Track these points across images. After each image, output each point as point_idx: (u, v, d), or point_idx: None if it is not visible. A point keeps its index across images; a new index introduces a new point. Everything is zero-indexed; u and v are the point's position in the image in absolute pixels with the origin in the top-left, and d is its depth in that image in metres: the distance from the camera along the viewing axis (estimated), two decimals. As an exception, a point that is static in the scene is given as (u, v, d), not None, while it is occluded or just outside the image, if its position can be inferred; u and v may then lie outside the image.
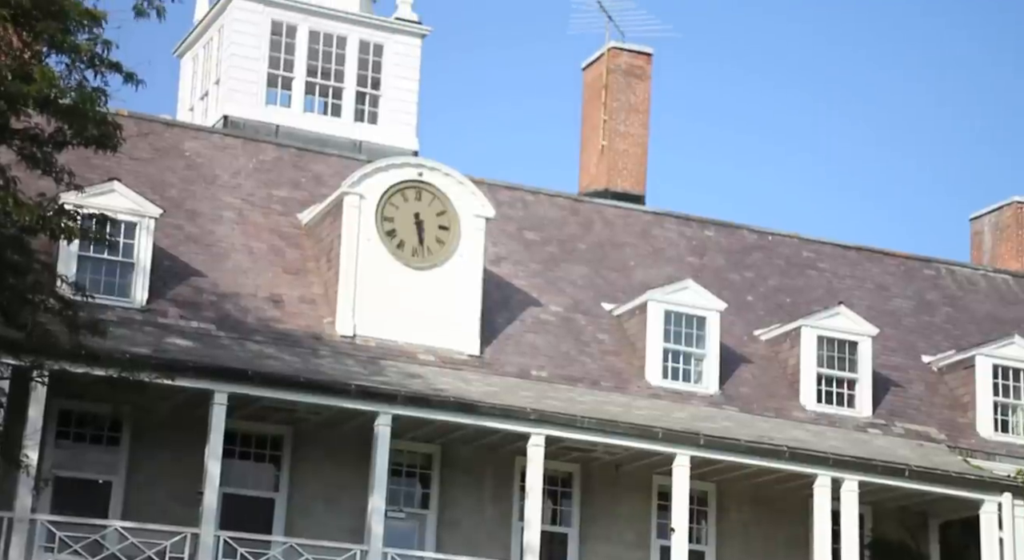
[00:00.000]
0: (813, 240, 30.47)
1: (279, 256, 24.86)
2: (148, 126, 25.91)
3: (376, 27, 30.93)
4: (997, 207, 32.95)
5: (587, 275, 27.23)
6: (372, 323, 23.76)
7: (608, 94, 30.51)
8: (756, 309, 27.96)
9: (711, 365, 25.55)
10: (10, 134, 16.14)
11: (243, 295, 23.74)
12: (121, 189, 22.73)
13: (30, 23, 15.76)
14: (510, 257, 26.84)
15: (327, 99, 30.47)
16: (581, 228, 28.46)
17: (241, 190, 26.02)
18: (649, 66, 30.90)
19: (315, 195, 26.12)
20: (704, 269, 28.37)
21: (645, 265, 28.06)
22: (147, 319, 22.45)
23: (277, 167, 26.94)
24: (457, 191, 24.62)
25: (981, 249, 32.99)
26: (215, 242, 24.60)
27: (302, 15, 30.26)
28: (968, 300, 30.60)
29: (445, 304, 24.20)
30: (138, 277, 22.64)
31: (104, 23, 16.28)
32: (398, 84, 30.83)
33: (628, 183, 30.27)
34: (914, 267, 30.93)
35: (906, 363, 27.96)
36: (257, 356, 22.26)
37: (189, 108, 31.64)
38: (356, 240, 23.96)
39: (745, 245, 29.66)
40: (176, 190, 25.32)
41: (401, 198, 24.39)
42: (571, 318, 26.03)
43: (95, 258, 22.35)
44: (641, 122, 30.63)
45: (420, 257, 24.32)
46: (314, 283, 24.46)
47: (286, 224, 25.61)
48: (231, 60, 29.75)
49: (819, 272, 29.73)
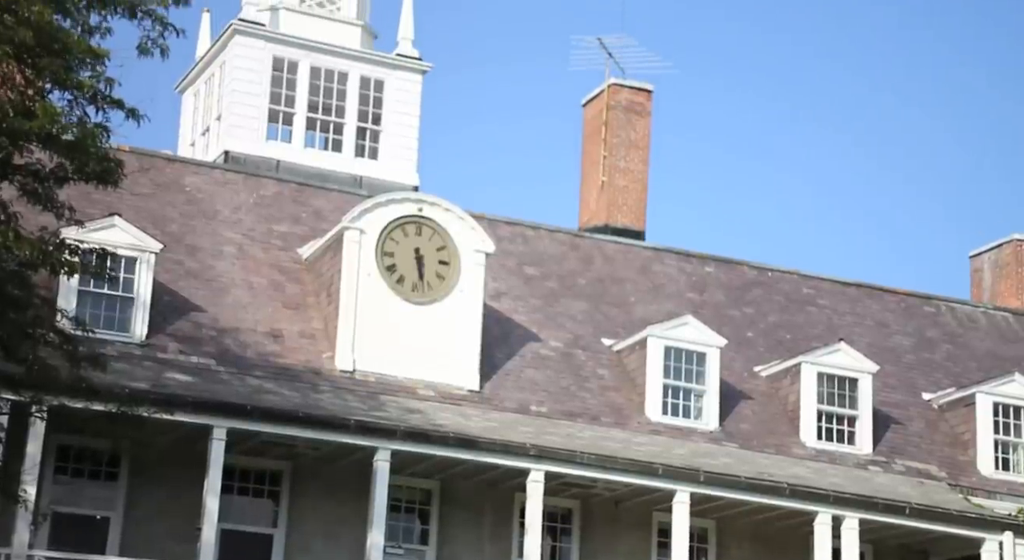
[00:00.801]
0: (813, 276, 30.49)
1: (279, 291, 24.87)
2: (149, 161, 25.97)
3: (377, 63, 31.07)
4: (997, 245, 32.98)
5: (587, 311, 27.23)
6: (372, 358, 23.75)
7: (608, 130, 30.60)
8: (756, 345, 27.95)
9: (711, 401, 25.52)
10: (12, 170, 16.19)
11: (243, 330, 23.74)
12: (122, 224, 22.76)
13: (33, 60, 15.83)
14: (510, 292, 26.85)
15: (328, 134, 30.57)
16: (581, 264, 28.49)
17: (241, 225, 26.06)
18: (649, 102, 31.01)
19: (315, 230, 26.16)
20: (704, 305, 28.37)
21: (645, 301, 28.07)
22: (146, 354, 22.44)
23: (277, 202, 26.99)
24: (457, 226, 24.65)
25: (981, 286, 33.00)
26: (215, 277, 24.62)
27: (304, 51, 30.39)
28: (968, 337, 30.58)
29: (445, 339, 24.19)
30: (138, 312, 22.65)
31: (107, 61, 16.37)
32: (399, 120, 30.95)
33: (628, 219, 30.32)
34: (914, 304, 30.94)
35: (906, 400, 27.93)
36: (256, 391, 22.24)
37: (190, 144, 31.73)
38: (356, 275, 23.98)
39: (745, 281, 29.67)
40: (177, 225, 25.36)
41: (401, 233, 24.43)
42: (571, 353, 26.02)
43: (95, 293, 22.36)
44: (641, 158, 30.72)
45: (420, 292, 24.33)
46: (314, 318, 24.46)
47: (286, 259, 25.63)
48: (232, 96, 29.86)
49: (819, 309, 29.74)
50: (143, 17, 16.57)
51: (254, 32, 30.24)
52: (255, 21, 30.48)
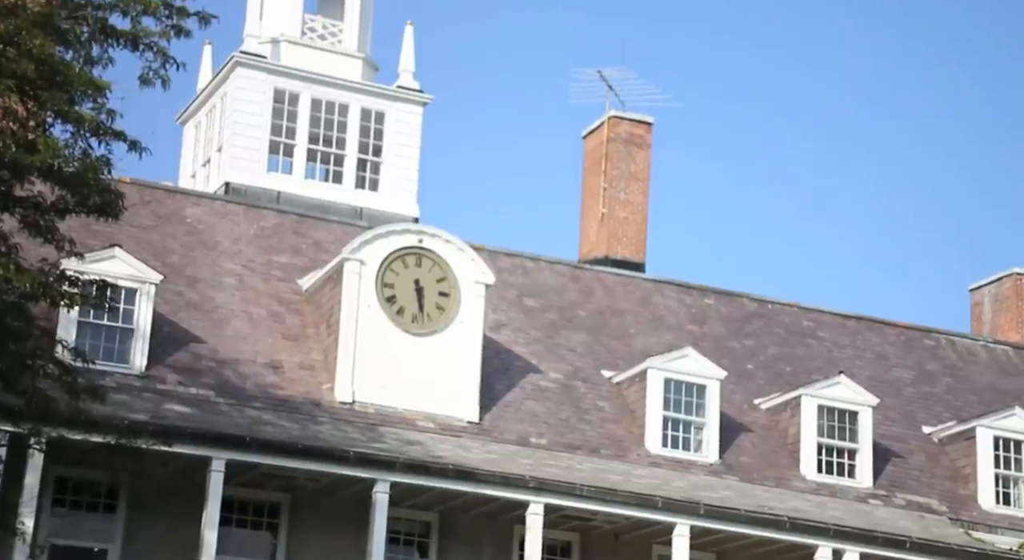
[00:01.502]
0: (813, 309, 30.49)
1: (279, 322, 24.87)
2: (150, 193, 26.02)
3: (378, 95, 31.16)
4: (997, 278, 32.98)
5: (587, 342, 27.22)
6: (371, 390, 23.73)
7: (608, 162, 30.66)
8: (756, 378, 27.93)
9: (711, 434, 25.48)
10: (13, 202, 16.21)
11: (242, 361, 23.72)
12: (122, 255, 22.77)
13: (35, 92, 15.87)
14: (510, 324, 26.84)
15: (328, 166, 30.64)
16: (581, 295, 28.50)
17: (242, 256, 26.09)
18: (649, 135, 31.09)
19: (316, 261, 26.18)
20: (704, 337, 28.36)
21: (645, 333, 28.06)
22: (146, 385, 22.41)
23: (278, 233, 27.02)
24: (457, 258, 24.67)
25: (981, 320, 32.99)
26: (215, 308, 24.62)
27: (305, 83, 30.49)
28: (968, 371, 30.56)
29: (444, 371, 24.17)
30: (137, 343, 22.64)
31: (108, 93, 16.41)
32: (399, 151, 31.02)
33: (628, 251, 30.35)
34: (914, 337, 30.93)
35: (906, 433, 27.89)
36: (255, 422, 22.20)
37: (191, 175, 31.79)
38: (356, 306, 23.98)
39: (745, 314, 29.68)
40: (177, 256, 25.38)
41: (401, 264, 24.44)
42: (571, 385, 25.99)
43: (95, 324, 22.35)
44: (641, 190, 30.77)
45: (420, 323, 24.32)
46: (313, 349, 24.44)
47: (286, 290, 25.64)
48: (233, 127, 29.93)
49: (819, 341, 29.73)
50: (145, 49, 16.62)
51: (255, 64, 30.34)
52: (256, 53, 30.59)
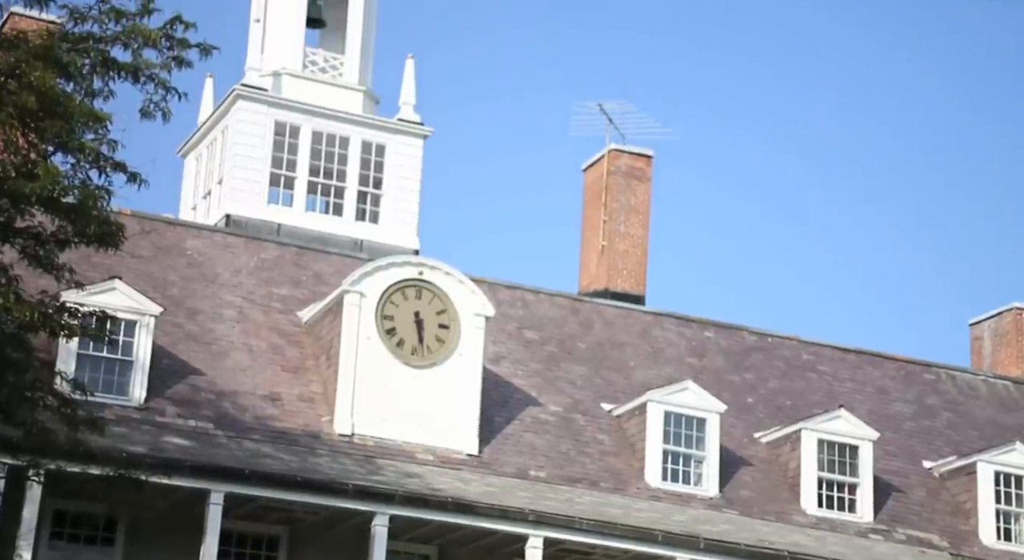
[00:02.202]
0: (813, 342, 30.46)
1: (279, 354, 24.85)
2: (150, 225, 26.03)
3: (378, 128, 31.22)
4: (997, 313, 32.93)
5: (586, 375, 27.19)
6: (370, 422, 23.68)
7: (608, 195, 30.70)
8: (756, 411, 27.88)
9: (711, 467, 25.41)
10: (13, 233, 16.22)
11: (241, 393, 23.69)
12: (122, 287, 22.77)
13: (36, 123, 15.90)
14: (510, 356, 26.82)
15: (329, 198, 30.66)
16: (581, 328, 28.48)
17: (242, 288, 26.09)
18: (649, 168, 31.12)
19: (316, 293, 26.18)
20: (704, 370, 28.33)
21: (645, 366, 28.03)
22: (144, 418, 22.38)
23: (278, 265, 27.03)
24: (457, 290, 24.67)
25: (981, 354, 32.94)
26: (214, 340, 24.61)
27: (305, 116, 30.56)
28: (969, 405, 30.50)
29: (444, 403, 24.14)
30: (136, 375, 22.62)
31: (109, 124, 16.45)
32: (399, 184, 31.05)
33: (628, 283, 30.35)
34: (914, 371, 30.89)
35: (907, 468, 27.81)
36: (254, 455, 22.16)
37: (192, 207, 31.82)
38: (356, 338, 23.96)
39: (745, 347, 29.65)
40: (177, 288, 25.38)
41: (401, 297, 24.44)
42: (570, 418, 25.94)
43: (94, 356, 22.33)
44: (641, 223, 30.79)
45: (419, 356, 24.30)
46: (313, 381, 24.42)
47: (286, 322, 25.63)
48: (234, 160, 29.98)
49: (819, 375, 29.69)
50: (146, 81, 16.68)
51: (256, 97, 30.41)
52: (258, 86, 30.67)
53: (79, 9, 16.59)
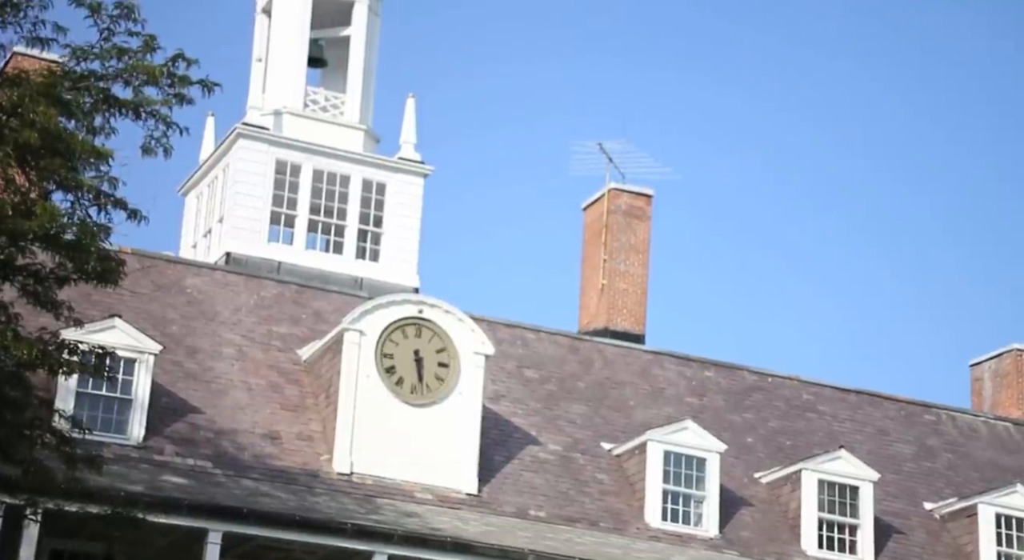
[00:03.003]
0: (813, 382, 30.41)
1: (278, 393, 24.81)
2: (150, 263, 26.03)
3: (379, 166, 31.28)
4: (997, 354, 32.89)
5: (586, 414, 27.13)
6: (369, 461, 23.61)
7: (608, 234, 30.73)
8: (756, 451, 27.81)
9: (711, 507, 25.32)
10: (13, 271, 16.22)
11: (240, 432, 23.63)
12: (121, 325, 22.76)
13: (37, 161, 15.92)
14: (509, 395, 26.77)
15: (329, 236, 30.68)
16: (581, 367, 28.44)
17: (241, 326, 26.07)
18: (649, 207, 31.18)
19: (315, 331, 26.16)
20: (704, 410, 28.27)
21: (645, 405, 27.98)
22: (143, 456, 22.31)
23: (278, 303, 27.02)
24: (457, 328, 24.65)
25: (982, 396, 32.89)
26: (214, 379, 24.57)
27: (306, 155, 30.63)
28: (970, 447, 30.42)
29: (443, 442, 24.07)
30: (135, 414, 22.57)
31: (111, 161, 16.46)
32: (400, 222, 31.08)
33: (628, 322, 30.33)
34: (915, 412, 30.83)
35: (907, 509, 27.71)
36: (252, 494, 22.08)
37: (192, 245, 31.84)
38: (355, 377, 23.92)
39: (745, 386, 29.61)
40: (177, 326, 25.36)
41: (401, 335, 24.43)
42: (570, 457, 25.87)
43: (93, 395, 22.28)
44: (641, 262, 30.81)
45: (419, 394, 24.26)
46: (312, 420, 24.37)
47: (285, 361, 25.59)
48: (235, 198, 30.02)
49: (819, 415, 29.63)
50: (147, 117, 16.70)
51: (257, 136, 30.50)
52: (259, 125, 30.76)
53: (81, 47, 16.64)
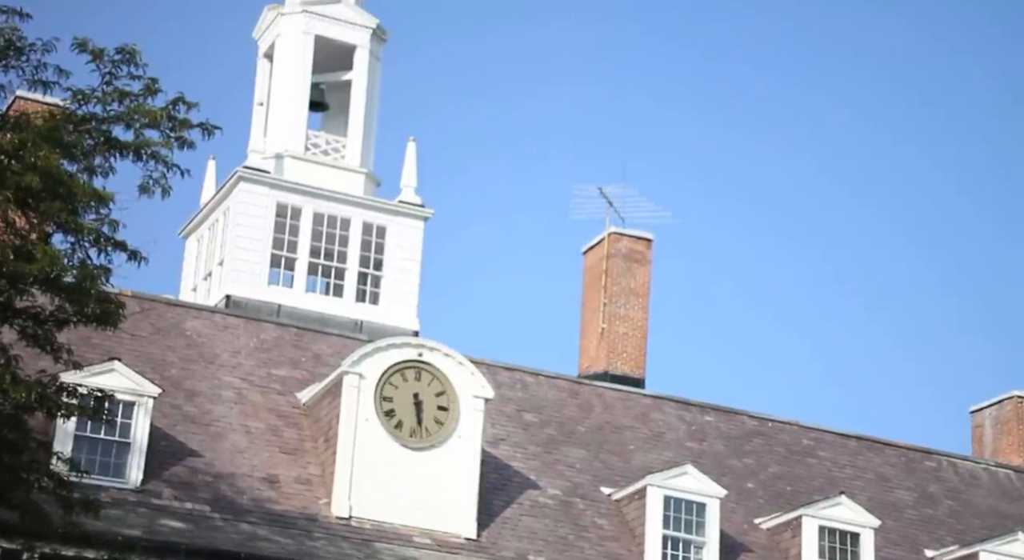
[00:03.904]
0: (813, 428, 30.32)
1: (277, 436, 24.73)
2: (150, 305, 26.02)
3: (379, 210, 31.37)
4: (997, 401, 32.78)
5: (586, 458, 27.04)
6: (368, 504, 23.52)
7: (608, 278, 30.74)
8: (756, 496, 27.69)
9: (711, 553, 25.17)
10: (12, 313, 16.21)
11: (239, 475, 23.54)
12: (120, 368, 22.72)
13: (37, 204, 15.95)
14: (509, 439, 26.70)
15: (329, 279, 30.72)
16: (580, 411, 28.38)
17: (241, 369, 26.03)
18: (649, 251, 31.19)
19: (315, 374, 26.12)
20: (704, 455, 28.18)
21: (644, 449, 27.89)
22: (141, 500, 22.21)
23: (277, 346, 26.99)
24: (457, 372, 24.61)
25: (982, 442, 32.76)
26: (212, 422, 24.51)
27: (307, 198, 30.71)
28: (970, 494, 30.29)
29: (442, 486, 23.98)
30: (133, 457, 22.50)
31: (111, 203, 16.50)
32: (400, 265, 31.13)
33: (628, 366, 30.28)
34: (915, 458, 30.72)
35: (908, 557, 27.54)
36: (250, 538, 21.97)
37: (192, 288, 31.87)
38: (354, 420, 23.87)
39: (745, 431, 29.52)
40: (176, 369, 25.32)
41: (401, 378, 24.38)
42: (569, 502, 25.77)
43: (91, 438, 22.21)
44: (641, 306, 30.80)
45: (418, 438, 24.19)
46: (311, 463, 24.29)
47: (285, 404, 25.54)
48: (236, 241, 30.08)
49: (819, 461, 29.52)
50: (147, 159, 16.76)
51: (258, 179, 30.59)
52: (260, 168, 30.86)
53: (83, 90, 16.72)
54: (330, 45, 32.74)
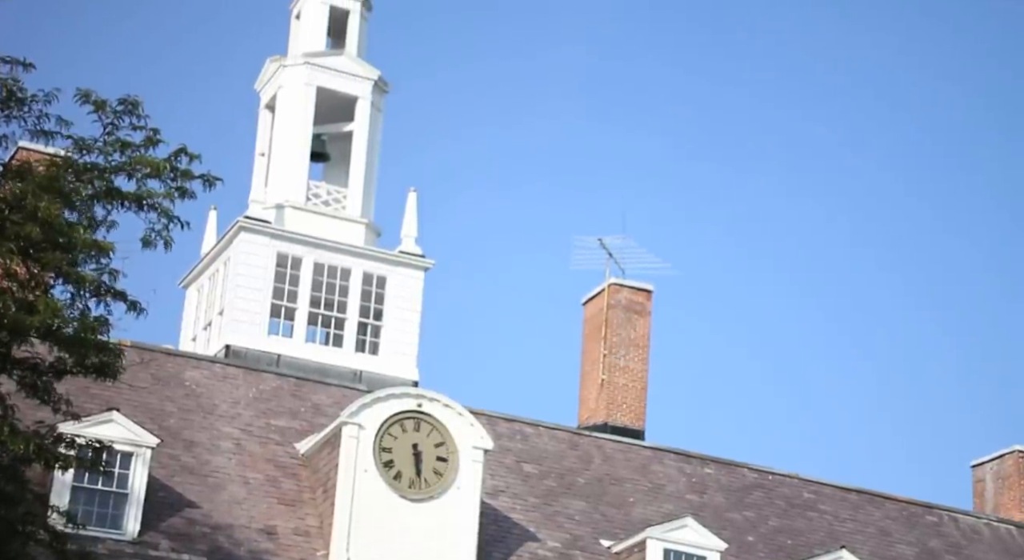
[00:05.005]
0: (814, 481, 30.18)
1: (275, 487, 24.62)
2: (150, 356, 25.99)
3: (380, 260, 31.40)
4: (999, 455, 32.63)
5: (585, 510, 26.91)
6: (367, 556, 23.36)
7: (608, 329, 30.71)
8: (757, 550, 27.53)
9: (711, 607, 25.01)
10: (11, 364, 16.18)
11: (236, 527, 23.41)
12: (119, 419, 22.65)
13: (38, 254, 15.96)
14: (508, 490, 26.58)
15: (329, 329, 30.70)
16: (580, 462, 28.27)
17: (240, 420, 25.96)
18: (649, 302, 31.17)
19: (314, 425, 26.04)
20: (704, 507, 28.04)
21: (644, 502, 27.76)
22: (138, 552, 22.07)
23: (277, 397, 26.94)
24: (456, 423, 24.54)
25: (984, 497, 32.59)
26: (211, 473, 24.40)
27: (307, 248, 30.75)
28: (972, 549, 30.10)
29: (441, 537, 23.84)
30: (131, 508, 22.37)
31: (112, 254, 16.51)
32: (400, 315, 31.13)
33: (628, 418, 30.20)
34: (916, 513, 30.56)
35: (910, 611, 27.39)
36: (248, 590, 21.83)
37: (192, 338, 31.83)
38: (353, 471, 23.76)
39: (745, 484, 29.39)
40: (175, 419, 25.24)
41: (400, 429, 24.31)
42: (569, 554, 25.61)
43: (88, 489, 22.10)
44: (641, 357, 30.75)
45: (417, 489, 24.08)
46: (309, 515, 24.16)
47: (283, 454, 25.44)
48: (236, 291, 30.10)
49: (820, 514, 29.38)
50: (149, 210, 16.78)
51: (259, 229, 30.64)
52: (261, 218, 30.91)
53: (85, 140, 16.78)
54: (332, 96, 32.89)
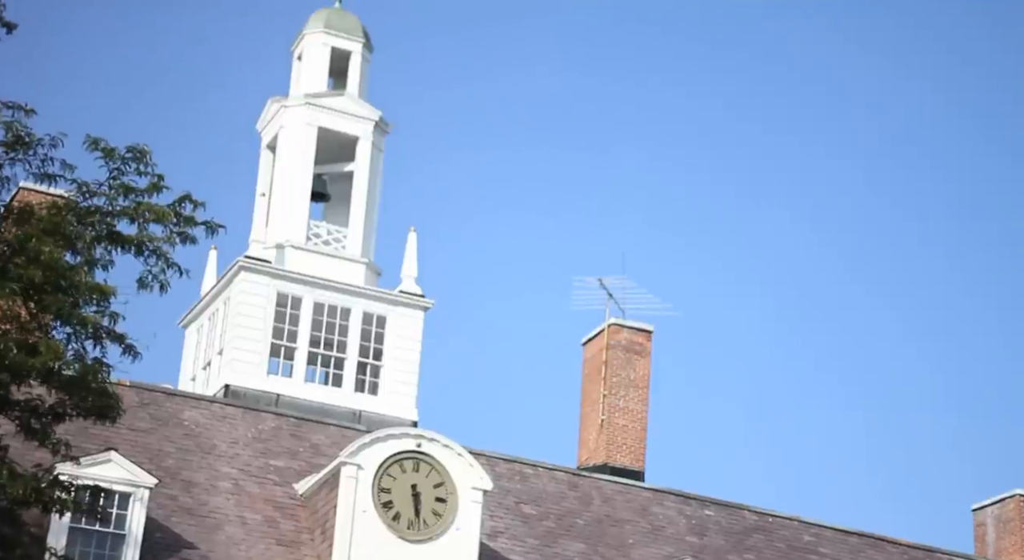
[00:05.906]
0: (814, 524, 30.05)
1: (273, 527, 24.54)
2: (149, 396, 25.97)
3: (380, 299, 31.40)
4: (1000, 499, 32.52)
5: (585, 552, 26.81)
6: (365, 598, 23.29)
7: (608, 369, 30.67)
8: (756, 593, 27.40)
9: (711, 651, 24.89)
10: (11, 405, 16.18)
11: (234, 568, 23.32)
12: (117, 459, 22.58)
13: (40, 296, 15.98)
14: (507, 531, 26.49)
15: (329, 369, 30.69)
16: (579, 503, 28.19)
17: (238, 460, 25.90)
18: (649, 343, 31.14)
19: (313, 465, 25.98)
20: (704, 549, 27.94)
21: (644, 543, 27.66)
22: (135, 592, 21.99)
23: (276, 437, 26.89)
24: (455, 463, 24.48)
25: (985, 541, 32.45)
26: (209, 513, 24.33)
27: (307, 288, 30.76)
28: (973, 594, 29.94)
29: (440, 579, 23.75)
30: (128, 549, 22.27)
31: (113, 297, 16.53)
32: (399, 355, 31.10)
33: (627, 459, 30.13)
34: (917, 556, 30.40)
35: (911, 657, 27.24)
36: (245, 632, 21.73)
37: (191, 378, 31.81)
38: (352, 511, 23.69)
39: (746, 526, 29.29)
40: (173, 460, 25.19)
41: (399, 469, 24.25)
42: (568, 597, 25.52)
43: (86, 530, 22.00)
44: (641, 398, 30.71)
45: (416, 530, 24.00)
46: (307, 556, 24.07)
47: (282, 494, 25.37)
48: (235, 330, 30.08)
49: (820, 557, 29.24)
50: (149, 255, 16.81)
51: (259, 269, 30.66)
52: (261, 258, 30.94)
53: (88, 184, 16.82)
54: (333, 137, 32.98)
